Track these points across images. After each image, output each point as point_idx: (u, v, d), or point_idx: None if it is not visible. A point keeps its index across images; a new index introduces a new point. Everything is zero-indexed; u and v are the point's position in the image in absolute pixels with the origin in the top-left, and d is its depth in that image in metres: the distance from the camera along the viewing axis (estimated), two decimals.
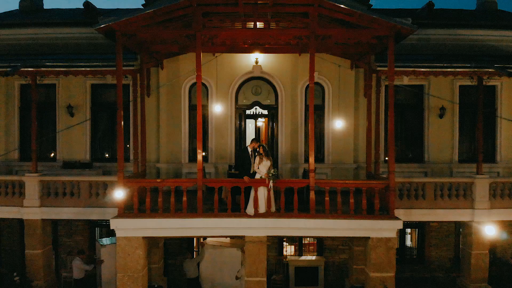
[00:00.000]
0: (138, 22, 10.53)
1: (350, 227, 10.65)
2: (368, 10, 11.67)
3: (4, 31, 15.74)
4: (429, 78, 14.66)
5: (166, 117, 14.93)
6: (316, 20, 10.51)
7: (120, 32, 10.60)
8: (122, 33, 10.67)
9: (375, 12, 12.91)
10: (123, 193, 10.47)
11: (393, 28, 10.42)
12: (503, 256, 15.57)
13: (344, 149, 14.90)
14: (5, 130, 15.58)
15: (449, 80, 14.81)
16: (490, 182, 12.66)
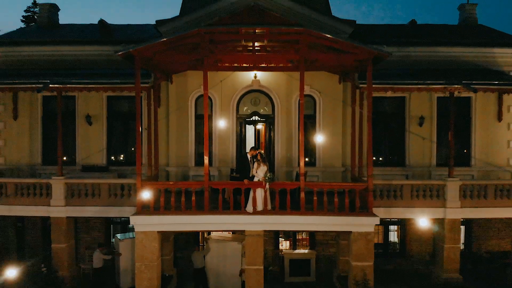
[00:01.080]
0: (154, 48, 12.49)
1: (334, 222, 12.63)
2: (350, 38, 13.67)
3: (28, 48, 17.72)
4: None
5: (175, 125, 16.90)
6: (305, 46, 12.51)
7: (138, 56, 12.57)
8: (140, 57, 12.64)
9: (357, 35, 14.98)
10: (149, 194, 12.41)
11: (371, 53, 12.39)
12: (478, 251, 17.55)
13: (333, 154, 16.87)
14: (29, 137, 17.57)
15: (428, 92, 16.76)
16: (460, 184, 14.62)
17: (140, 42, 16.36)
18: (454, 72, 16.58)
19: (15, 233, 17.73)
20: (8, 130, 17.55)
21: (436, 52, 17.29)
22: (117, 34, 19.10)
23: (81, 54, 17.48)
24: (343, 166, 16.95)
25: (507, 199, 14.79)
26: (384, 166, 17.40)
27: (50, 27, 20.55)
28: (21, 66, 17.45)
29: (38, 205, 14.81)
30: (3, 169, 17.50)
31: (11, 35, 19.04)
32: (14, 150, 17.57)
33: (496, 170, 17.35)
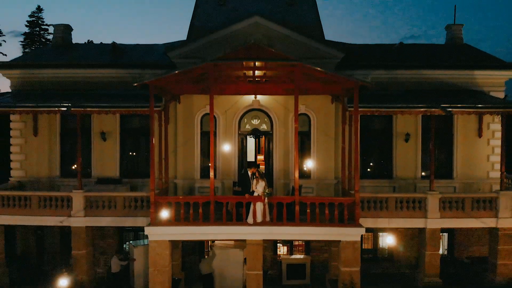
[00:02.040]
0: (166, 79, 14.34)
1: (325, 233, 14.47)
2: (341, 62, 15.53)
3: (46, 71, 19.52)
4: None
5: (182, 141, 18.71)
6: (299, 77, 14.35)
7: (152, 86, 14.41)
8: (154, 87, 14.48)
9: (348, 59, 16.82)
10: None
11: (357, 83, 14.22)
12: (459, 256, 19.38)
13: (327, 167, 18.69)
14: (48, 151, 19.42)
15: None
16: (439, 197, 16.45)
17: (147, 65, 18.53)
18: (437, 93, 18.46)
19: (35, 240, 19.59)
20: (28, 146, 19.39)
21: (421, 75, 19.11)
22: (127, 56, 20.92)
23: (96, 76, 19.32)
24: (336, 179, 18.76)
25: (483, 211, 16.61)
26: (374, 178, 19.23)
27: (65, 47, 22.39)
28: (40, 87, 19.31)
29: (60, 216, 16.65)
30: (24, 181, 19.35)
31: (30, 57, 20.90)
32: (34, 164, 19.41)
33: (477, 182, 19.20)
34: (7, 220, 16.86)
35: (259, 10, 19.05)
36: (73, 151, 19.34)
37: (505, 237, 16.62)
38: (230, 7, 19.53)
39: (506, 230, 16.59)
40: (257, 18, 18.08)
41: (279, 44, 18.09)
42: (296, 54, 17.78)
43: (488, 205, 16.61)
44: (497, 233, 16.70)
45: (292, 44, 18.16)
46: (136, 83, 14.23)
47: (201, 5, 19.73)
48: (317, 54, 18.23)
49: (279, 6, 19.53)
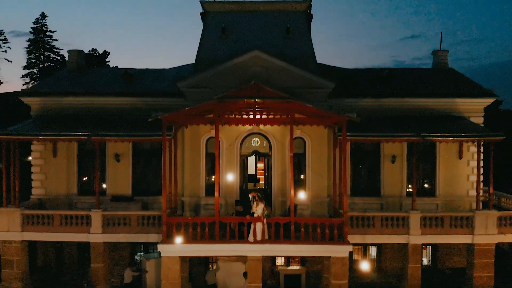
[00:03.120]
0: (177, 114, 16.37)
1: (317, 250, 16.52)
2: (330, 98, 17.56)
3: (64, 99, 21.55)
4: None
5: (189, 162, 20.68)
6: (294, 112, 16.37)
7: (165, 120, 16.45)
8: (165, 120, 16.52)
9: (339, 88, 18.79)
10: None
11: (345, 118, 16.26)
12: (441, 267, 21.43)
13: (320, 186, 20.66)
14: (67, 171, 21.44)
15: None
16: (421, 216, 18.47)
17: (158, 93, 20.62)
18: (421, 119, 20.50)
19: (54, 253, 21.64)
20: (48, 166, 21.40)
21: (406, 102, 21.12)
22: (138, 82, 22.88)
23: (111, 103, 21.34)
24: (329, 197, 20.75)
25: (460, 228, 18.65)
26: (363, 196, 21.25)
27: (79, 72, 24.41)
28: (59, 113, 21.32)
29: (80, 232, 18.70)
30: (44, 199, 21.38)
31: (48, 84, 22.87)
32: (53, 183, 21.43)
33: (458, 199, 21.20)
34: (31, 236, 18.92)
35: (258, 42, 21.08)
36: (89, 171, 21.45)
37: (480, 252, 18.64)
38: (233, 39, 21.49)
39: (481, 246, 18.62)
40: (256, 52, 20.08)
41: (277, 75, 20.24)
42: (292, 84, 20.12)
43: (465, 223, 18.65)
44: (473, 248, 18.72)
45: (288, 75, 20.20)
46: (151, 118, 16.30)
47: (206, 38, 21.70)
48: (311, 84, 20.23)
49: (276, 39, 21.48)
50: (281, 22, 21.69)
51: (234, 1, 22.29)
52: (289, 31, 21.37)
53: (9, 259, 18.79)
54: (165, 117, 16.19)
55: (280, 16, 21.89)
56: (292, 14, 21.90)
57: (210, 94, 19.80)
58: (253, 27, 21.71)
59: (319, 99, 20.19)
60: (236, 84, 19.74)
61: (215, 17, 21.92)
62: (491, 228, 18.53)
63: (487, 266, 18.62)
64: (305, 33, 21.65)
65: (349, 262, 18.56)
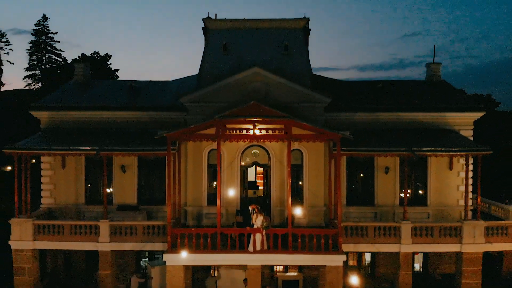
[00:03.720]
0: (181, 132, 17.43)
1: (313, 259, 17.62)
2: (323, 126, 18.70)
3: (71, 113, 22.61)
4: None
5: (192, 173, 21.72)
6: (291, 129, 17.44)
7: (169, 137, 17.53)
8: (170, 137, 17.59)
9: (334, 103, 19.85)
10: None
11: (339, 136, 17.34)
12: (432, 273, 22.54)
13: (317, 196, 21.71)
14: (75, 182, 22.51)
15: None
16: (411, 226, 19.56)
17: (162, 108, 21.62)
18: (413, 132, 21.59)
19: (63, 259, 22.73)
20: (57, 177, 22.47)
21: (398, 116, 22.19)
22: (143, 95, 23.96)
23: (117, 117, 22.40)
24: (325, 206, 21.81)
25: (449, 237, 19.76)
26: (358, 205, 22.33)
27: (85, 85, 25.51)
28: (67, 126, 22.36)
29: (89, 241, 19.80)
30: (54, 208, 22.46)
31: (56, 97, 23.86)
32: (62, 193, 22.51)
33: (448, 208, 22.28)
34: (42, 245, 20.03)
35: (258, 58, 22.13)
36: (96, 181, 22.55)
37: (468, 260, 19.76)
38: (234, 55, 22.50)
39: (469, 254, 19.73)
40: (256, 68, 21.14)
41: (276, 90, 21.32)
42: (290, 98, 21.23)
43: (454, 232, 19.75)
44: (462, 256, 19.83)
45: (286, 90, 21.27)
46: (157, 136, 17.43)
47: (208, 54, 22.71)
48: (308, 99, 21.30)
49: (275, 55, 22.48)
50: (279, 39, 22.71)
51: (234, 19, 23.30)
52: (287, 47, 22.38)
53: (21, 267, 19.87)
54: (170, 134, 17.28)
55: (279, 33, 22.90)
56: (290, 31, 22.91)
57: (212, 108, 21.08)
58: (253, 43, 22.72)
59: (316, 113, 21.37)
60: (237, 99, 20.97)
61: (217, 34, 22.92)
62: (479, 237, 19.63)
63: (475, 273, 19.73)
64: (302, 49, 22.67)
65: (344, 267, 19.80)
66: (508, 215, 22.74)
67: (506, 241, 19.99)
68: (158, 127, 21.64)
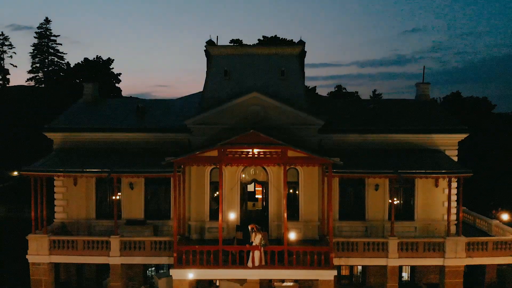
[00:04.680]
0: (186, 158, 19.16)
1: (306, 274, 19.45)
2: (317, 145, 20.37)
3: (83, 134, 24.31)
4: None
5: (195, 190, 23.45)
6: (286, 154, 19.21)
7: (175, 162, 19.27)
8: (176, 163, 19.33)
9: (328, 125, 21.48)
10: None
11: (330, 162, 19.07)
12: (418, 282, 24.37)
13: (312, 212, 23.48)
14: (86, 198, 24.25)
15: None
16: (398, 242, 21.34)
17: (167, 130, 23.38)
18: (401, 152, 23.34)
19: (75, 269, 24.53)
20: (69, 193, 24.21)
21: (388, 137, 23.91)
22: (148, 115, 25.67)
23: (125, 138, 24.12)
24: (319, 221, 23.58)
25: (433, 252, 21.51)
26: (350, 220, 24.07)
27: (95, 104, 27.25)
28: (79, 146, 24.07)
29: (100, 256, 21.59)
30: (66, 222, 24.21)
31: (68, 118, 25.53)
32: (74, 208, 24.26)
33: (434, 223, 24.02)
34: (57, 259, 21.87)
35: (257, 83, 23.83)
36: (106, 197, 24.31)
37: (450, 273, 21.54)
38: (234, 80, 24.15)
39: (451, 268, 21.51)
40: (255, 93, 22.86)
41: (273, 113, 23.05)
42: (286, 121, 22.97)
43: (437, 247, 21.51)
44: (444, 269, 21.61)
45: (283, 113, 23.01)
46: (164, 162, 19.21)
47: (211, 79, 24.36)
48: (303, 121, 23.04)
49: (273, 79, 24.11)
50: (276, 64, 24.34)
51: (235, 46, 24.98)
52: (284, 73, 24.04)
53: (38, 279, 21.68)
54: (176, 160, 19.10)
55: (276, 59, 24.51)
56: (286, 57, 24.52)
57: (215, 130, 22.95)
58: (252, 69, 24.34)
59: (310, 134, 23.18)
60: (237, 121, 22.81)
61: (218, 60, 24.54)
62: (460, 252, 21.39)
63: (456, 285, 21.52)
64: (298, 74, 24.32)
65: (338, 277, 22.02)
66: (491, 228, 24.51)
67: (486, 256, 21.73)
68: (164, 146, 23.71)
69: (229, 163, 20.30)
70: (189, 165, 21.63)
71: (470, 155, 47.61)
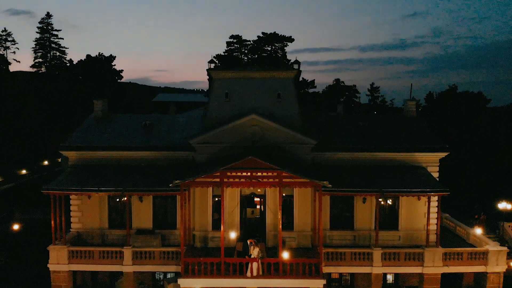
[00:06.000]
0: (191, 181, 21.67)
1: (299, 283, 22.15)
2: (308, 169, 22.89)
3: (95, 153, 26.81)
4: None
5: (199, 205, 26.07)
6: (282, 178, 21.73)
7: (182, 184, 21.81)
8: (183, 184, 21.86)
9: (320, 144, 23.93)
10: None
11: (320, 184, 21.59)
12: (401, 285, 27.12)
13: (305, 222, 26.13)
14: (99, 209, 26.84)
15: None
16: (381, 252, 24.02)
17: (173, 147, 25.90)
18: (387, 169, 25.83)
19: (90, 274, 27.23)
20: (84, 205, 26.79)
21: (375, 155, 26.41)
22: (155, 132, 28.14)
23: (133, 155, 26.67)
24: (312, 230, 26.23)
25: (413, 261, 24.20)
26: (340, 229, 26.73)
27: (105, 119, 29.65)
28: (91, 163, 26.57)
29: (114, 264, 24.28)
30: (81, 232, 26.86)
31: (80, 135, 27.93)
32: (88, 219, 26.88)
33: (416, 232, 26.64)
34: (76, 267, 24.63)
35: (255, 104, 26.23)
36: (117, 209, 26.88)
37: (428, 280, 24.30)
38: (234, 102, 26.49)
39: (429, 275, 24.25)
40: (253, 115, 25.30)
41: (270, 133, 25.53)
42: (282, 140, 25.49)
43: (417, 257, 24.19)
44: (423, 276, 24.31)
45: (279, 133, 25.48)
46: (172, 184, 21.72)
47: (213, 100, 26.71)
48: (298, 140, 25.55)
49: (270, 101, 26.45)
50: (273, 87, 26.66)
51: (235, 70, 27.32)
52: (280, 96, 26.41)
53: (59, 285, 24.44)
54: (183, 183, 21.63)
55: (273, 82, 26.82)
56: (282, 80, 26.82)
57: (217, 148, 25.50)
58: (250, 91, 26.66)
59: (304, 152, 25.72)
60: (237, 140, 25.38)
61: (220, 83, 26.86)
62: (438, 261, 24.10)
63: None
64: (293, 96, 26.68)
65: (329, 280, 24.98)
66: (469, 237, 27.20)
67: (461, 265, 24.44)
68: (171, 163, 26.13)
69: (229, 185, 22.87)
70: (194, 187, 24.14)
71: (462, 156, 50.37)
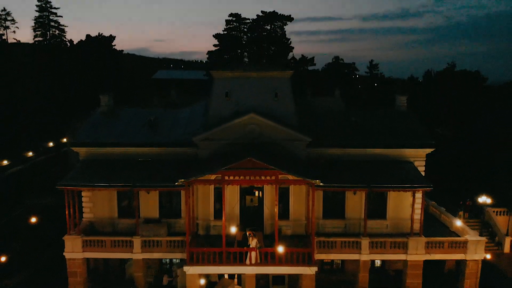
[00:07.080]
0: (194, 179, 23.91)
1: (293, 270, 24.79)
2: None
3: (104, 149, 28.92)
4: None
5: (202, 196, 28.41)
6: (278, 176, 23.98)
7: (186, 182, 24.07)
8: (187, 182, 24.13)
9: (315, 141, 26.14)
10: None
11: (314, 183, 23.85)
12: (388, 269, 29.81)
13: (300, 212, 28.57)
14: (109, 201, 29.18)
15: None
16: (369, 241, 26.50)
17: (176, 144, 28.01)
18: (376, 164, 28.04)
19: (102, 260, 29.84)
20: (95, 197, 29.12)
21: (365, 151, 28.58)
22: (159, 127, 30.20)
23: (139, 151, 28.80)
24: (306, 220, 28.66)
25: (398, 249, 26.74)
26: (332, 218, 29.17)
27: (111, 114, 31.67)
28: (100, 158, 28.74)
29: (125, 252, 26.83)
30: (93, 221, 29.28)
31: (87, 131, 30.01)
32: (99, 209, 29.27)
33: (403, 221, 29.08)
34: (89, 255, 27.21)
35: (253, 102, 28.21)
36: (126, 199, 29.20)
37: (412, 266, 26.90)
38: (234, 100, 28.45)
39: (412, 262, 26.84)
40: (252, 114, 27.34)
41: (267, 130, 27.63)
42: (279, 137, 27.61)
43: (401, 245, 26.70)
44: (407, 263, 26.89)
45: (276, 130, 27.57)
46: (177, 183, 23.95)
47: (214, 99, 28.66)
48: (293, 137, 27.67)
49: (267, 99, 28.40)
50: (271, 86, 28.61)
51: (235, 70, 29.17)
52: (277, 95, 28.35)
53: (74, 271, 27.06)
54: (187, 181, 23.89)
55: (270, 81, 28.74)
56: (279, 79, 28.74)
57: (218, 145, 27.66)
58: (249, 90, 28.60)
59: (299, 149, 27.90)
60: (237, 137, 27.55)
61: (221, 82, 28.77)
62: (420, 249, 26.63)
63: (416, 275, 26.93)
64: (289, 95, 28.64)
65: (321, 263, 27.57)
66: (452, 225, 29.67)
67: (443, 253, 26.99)
68: (175, 158, 28.29)
69: (229, 183, 25.13)
70: (197, 184, 26.39)
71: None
